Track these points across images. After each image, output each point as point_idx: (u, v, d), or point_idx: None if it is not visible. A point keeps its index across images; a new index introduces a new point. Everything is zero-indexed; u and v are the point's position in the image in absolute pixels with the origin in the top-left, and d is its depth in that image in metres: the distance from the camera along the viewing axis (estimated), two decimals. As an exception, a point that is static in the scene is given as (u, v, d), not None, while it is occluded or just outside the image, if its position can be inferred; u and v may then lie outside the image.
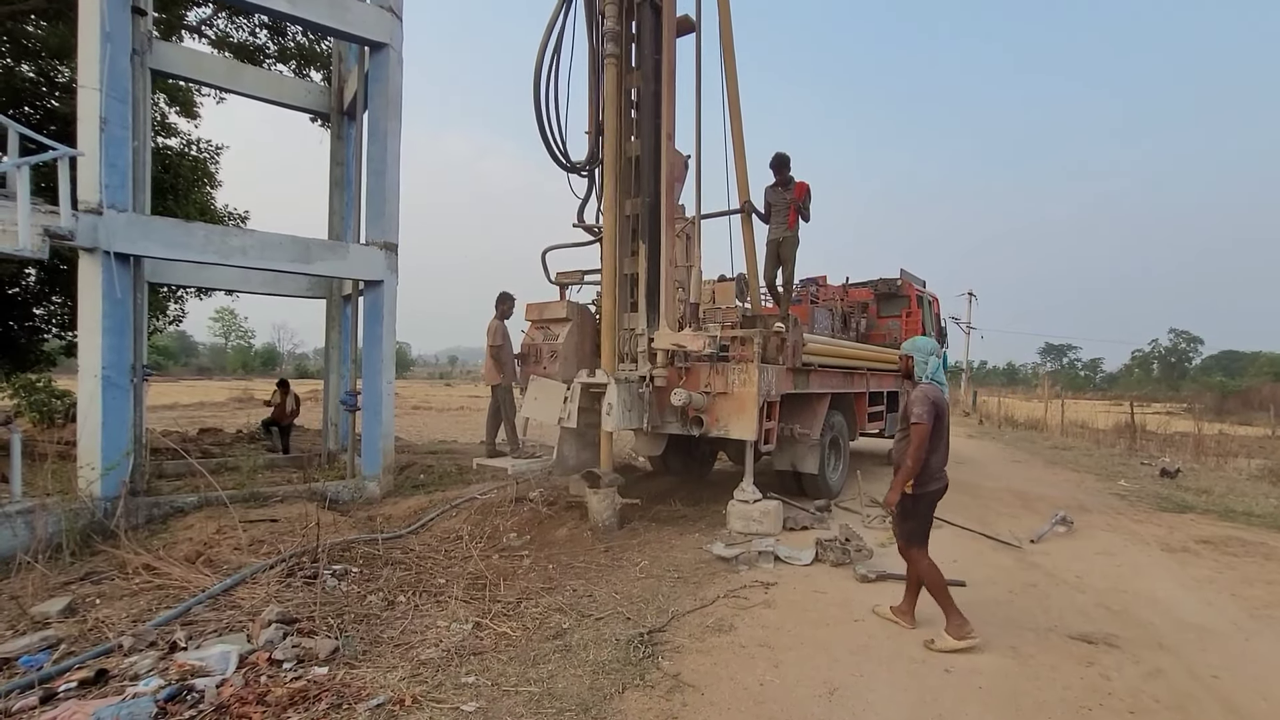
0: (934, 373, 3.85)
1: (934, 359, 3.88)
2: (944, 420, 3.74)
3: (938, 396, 3.74)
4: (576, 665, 3.23)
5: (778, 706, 2.87)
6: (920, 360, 3.92)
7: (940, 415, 3.70)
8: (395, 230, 8.52)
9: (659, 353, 5.98)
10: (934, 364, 3.87)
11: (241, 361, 70.03)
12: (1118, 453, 14.00)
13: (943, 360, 5.44)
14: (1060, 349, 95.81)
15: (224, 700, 2.71)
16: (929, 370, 3.87)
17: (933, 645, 3.61)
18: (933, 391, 3.76)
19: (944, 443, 3.77)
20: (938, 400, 3.71)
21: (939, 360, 3.91)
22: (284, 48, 12.89)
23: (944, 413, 3.74)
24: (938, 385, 3.82)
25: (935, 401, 3.69)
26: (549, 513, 6.30)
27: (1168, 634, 3.89)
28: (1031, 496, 8.31)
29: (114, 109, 6.75)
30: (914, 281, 11.60)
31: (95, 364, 6.50)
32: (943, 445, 3.76)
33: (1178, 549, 5.91)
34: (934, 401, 3.68)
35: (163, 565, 4.89)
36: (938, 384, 3.83)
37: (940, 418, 3.70)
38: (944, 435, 3.75)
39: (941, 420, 3.71)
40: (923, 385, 3.86)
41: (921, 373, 3.90)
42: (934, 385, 3.81)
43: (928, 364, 3.88)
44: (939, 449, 3.73)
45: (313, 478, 8.73)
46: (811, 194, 6.58)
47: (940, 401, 3.72)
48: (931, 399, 3.69)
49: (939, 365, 3.89)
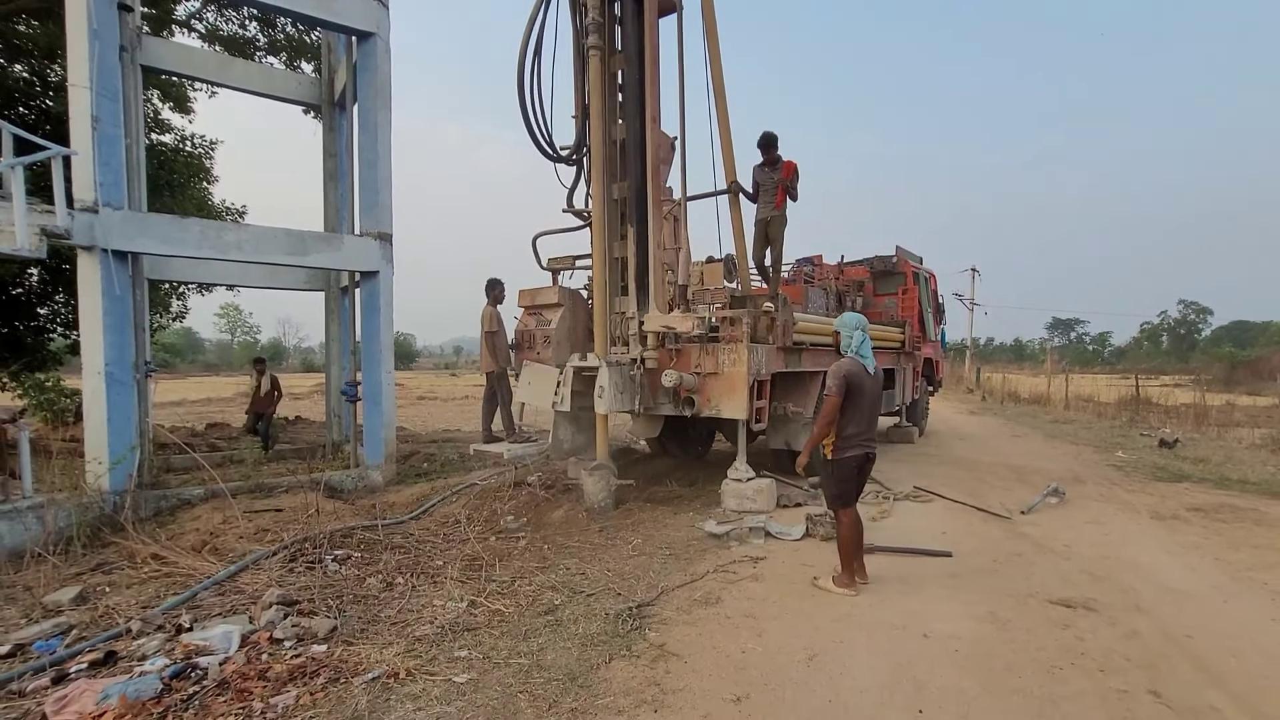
0: (859, 347, 4.04)
1: (859, 333, 4.08)
2: (860, 393, 3.94)
3: (851, 370, 3.96)
4: (566, 638, 3.34)
5: (757, 672, 2.97)
6: (845, 335, 4.12)
7: (854, 388, 3.92)
8: (389, 221, 8.57)
9: (649, 335, 6.05)
10: (858, 338, 4.07)
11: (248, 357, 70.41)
12: (1118, 425, 14.02)
13: (921, 334, 5.44)
14: (1068, 324, 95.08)
15: (226, 676, 2.83)
16: (854, 345, 4.06)
17: (817, 581, 4.11)
18: (848, 365, 3.99)
19: (862, 414, 3.97)
20: (850, 373, 3.94)
21: (863, 335, 4.08)
22: (274, 40, 12.87)
23: (859, 386, 3.94)
24: (859, 360, 4.01)
25: (847, 375, 3.93)
26: (546, 496, 6.42)
27: (1147, 598, 3.97)
28: (1027, 470, 8.37)
29: (105, 107, 6.80)
30: (910, 258, 11.58)
31: (98, 361, 6.62)
32: (861, 416, 3.97)
33: (1167, 517, 5.98)
34: (846, 375, 3.92)
35: (170, 554, 5.04)
36: (860, 358, 4.02)
37: (854, 391, 3.92)
38: (861, 406, 3.96)
39: (856, 393, 3.92)
40: (841, 360, 4.07)
41: (847, 347, 4.09)
42: (854, 359, 4.02)
43: (852, 339, 4.08)
44: (855, 419, 3.97)
45: (317, 468, 8.87)
46: (799, 173, 6.58)
47: (854, 374, 3.94)
48: (844, 373, 3.93)
49: (863, 340, 4.07)
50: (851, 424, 3.96)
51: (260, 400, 10.39)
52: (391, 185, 8.70)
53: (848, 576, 4.02)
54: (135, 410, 7.20)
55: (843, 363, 4.02)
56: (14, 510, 5.60)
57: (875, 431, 4.13)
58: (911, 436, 11.08)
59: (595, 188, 6.16)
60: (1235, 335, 71.15)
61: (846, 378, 3.91)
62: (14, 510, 5.60)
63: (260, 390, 10.36)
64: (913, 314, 10.97)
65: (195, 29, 12.80)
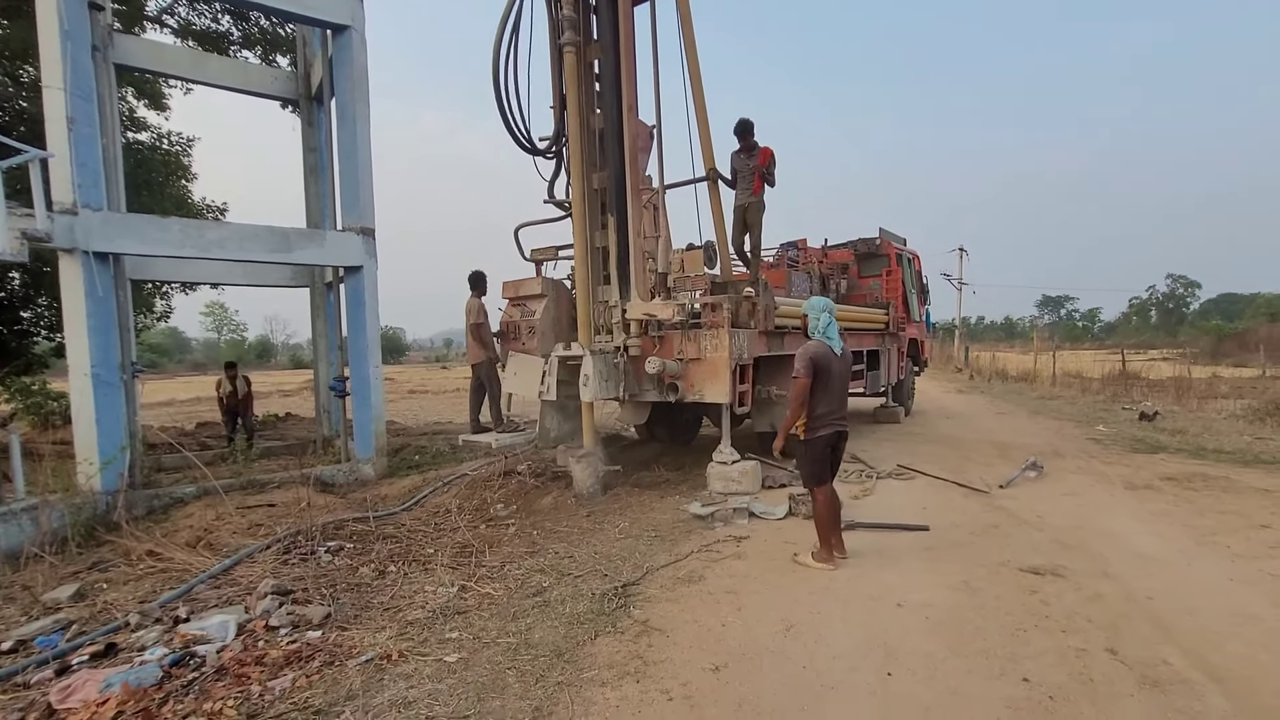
0: (825, 329, 4.15)
1: (825, 316, 4.17)
2: (828, 374, 4.05)
3: (817, 352, 4.06)
4: (553, 618, 3.46)
5: (736, 643, 3.10)
6: (813, 318, 4.22)
7: (821, 369, 4.03)
8: (371, 215, 8.58)
9: (632, 323, 6.14)
10: (825, 320, 4.17)
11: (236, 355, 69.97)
12: (1102, 400, 14.27)
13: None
14: (1058, 300, 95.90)
15: (224, 662, 2.94)
16: (820, 327, 4.16)
17: (797, 557, 4.24)
18: (814, 347, 4.09)
19: (832, 394, 4.09)
20: (816, 355, 4.04)
21: (830, 317, 4.19)
22: (248, 34, 12.71)
23: (827, 367, 4.04)
24: (826, 341, 4.12)
25: (814, 357, 4.03)
26: (535, 483, 6.53)
27: (1114, 563, 4.13)
28: (1010, 445, 8.55)
29: (80, 108, 6.77)
30: (893, 240, 11.69)
31: (84, 362, 6.64)
32: (829, 397, 4.09)
33: (1140, 486, 6.16)
34: (812, 357, 4.03)
35: (165, 551, 5.12)
36: (827, 340, 4.12)
37: (822, 372, 4.03)
38: (830, 387, 4.07)
39: (824, 374, 4.03)
40: (808, 342, 4.18)
41: (814, 329, 4.19)
42: (820, 341, 4.12)
43: (819, 321, 4.18)
44: (825, 400, 4.08)
45: (309, 464, 8.93)
46: (775, 158, 6.65)
47: (820, 356, 4.05)
48: (810, 354, 4.04)
49: (830, 322, 4.18)
50: (821, 404, 4.07)
51: (236, 402, 10.48)
52: (372, 179, 8.69)
53: (826, 552, 4.15)
54: (123, 411, 7.23)
55: (809, 345, 4.14)
56: (9, 512, 5.65)
57: (845, 410, 4.24)
58: (898, 416, 11.26)
59: (574, 178, 6.21)
60: (1223, 308, 71.92)
61: (813, 359, 4.02)
62: (9, 512, 5.65)
63: (237, 394, 10.43)
64: (897, 295, 11.09)
65: (168, 25, 12.61)
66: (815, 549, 4.22)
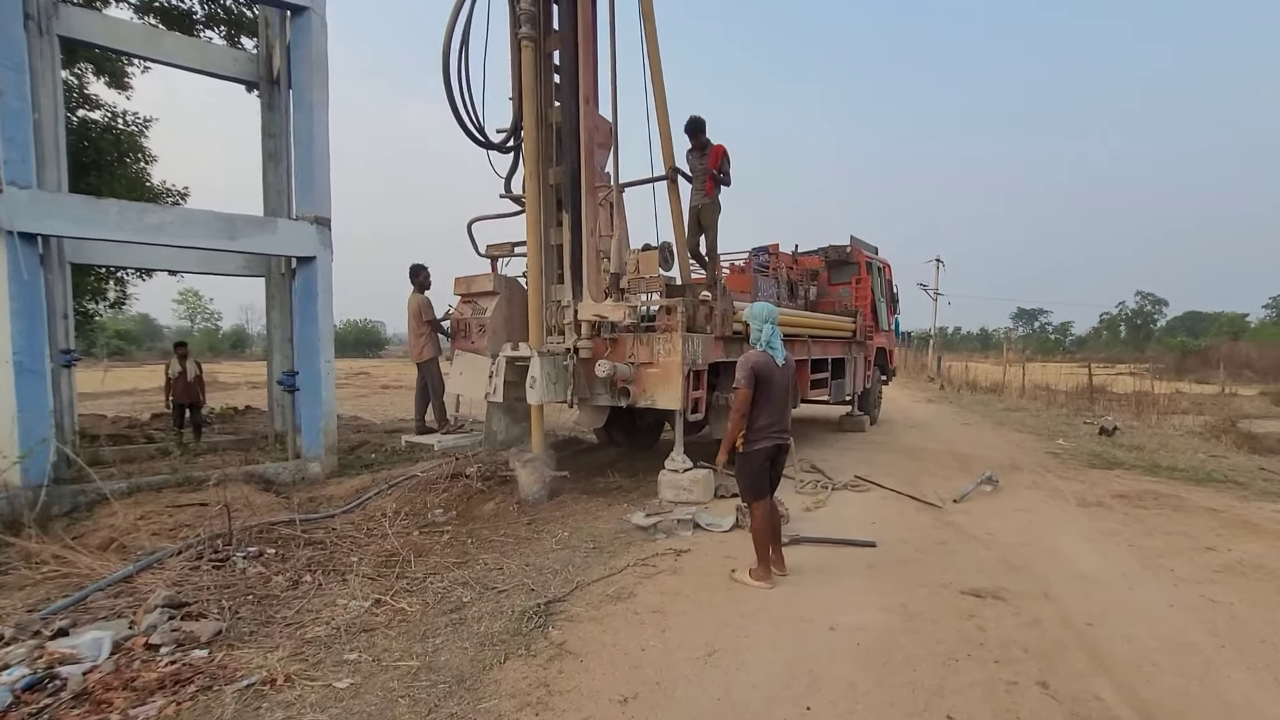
0: (769, 339, 4.01)
1: (768, 327, 4.03)
2: (770, 384, 3.92)
3: (759, 362, 3.93)
4: (465, 638, 3.24)
5: (652, 670, 2.91)
6: (755, 327, 4.07)
7: (763, 380, 3.89)
8: (327, 204, 8.26)
9: (583, 324, 5.94)
10: (768, 330, 4.03)
11: (209, 344, 68.32)
12: (1065, 413, 14.39)
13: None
14: (1032, 313, 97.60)
15: (88, 686, 2.67)
16: (763, 337, 4.02)
17: (734, 574, 4.10)
18: (755, 357, 3.96)
19: (773, 405, 3.95)
20: (758, 365, 3.90)
21: (773, 327, 4.05)
22: (212, 13, 12.28)
23: (768, 378, 3.91)
24: (768, 351, 3.98)
25: (754, 367, 3.89)
26: (481, 488, 6.28)
27: (1056, 585, 4.03)
28: (970, 458, 8.51)
29: (9, 79, 6.40)
30: (864, 248, 11.65)
31: (6, 350, 6.27)
32: (770, 408, 3.95)
33: (1092, 504, 6.11)
34: (753, 367, 3.90)
35: (70, 554, 4.80)
36: (770, 350, 3.99)
37: (763, 382, 3.89)
38: (771, 398, 3.94)
39: (765, 385, 3.90)
40: (749, 352, 4.04)
41: (756, 339, 4.05)
42: (763, 351, 3.98)
43: (761, 332, 4.03)
44: (765, 411, 3.93)
45: (253, 460, 8.58)
46: (729, 157, 6.49)
47: (761, 366, 3.91)
48: (751, 364, 3.91)
49: (773, 332, 4.04)
50: (762, 415, 3.93)
51: (187, 388, 9.87)
52: (328, 167, 8.37)
53: (763, 569, 3.99)
54: (49, 401, 6.84)
55: (750, 355, 3.99)
56: (-88, 507, 5.29)
57: (788, 422, 4.09)
58: (863, 425, 11.20)
59: (529, 171, 5.99)
60: (1189, 325, 73.81)
61: (754, 369, 3.88)
62: (-88, 507, 5.29)
63: (187, 375, 9.84)
64: (866, 303, 11.04)
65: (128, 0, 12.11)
66: (753, 566, 4.05)
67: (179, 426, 10.05)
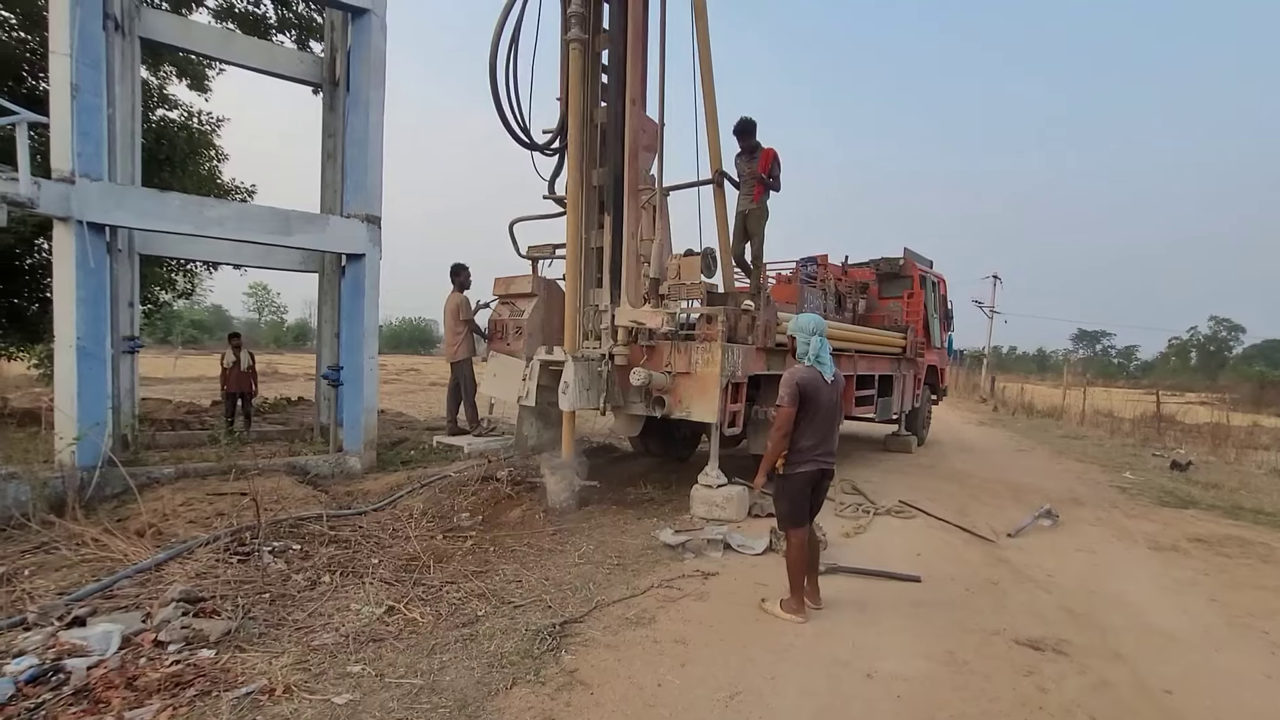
0: (817, 353, 3.70)
1: (816, 339, 3.72)
2: (816, 403, 3.61)
3: (805, 378, 3.63)
4: (474, 656, 3.09)
5: (667, 710, 2.69)
6: (802, 340, 3.76)
7: (809, 397, 3.59)
8: (378, 202, 8.37)
9: (620, 330, 5.77)
10: (816, 344, 3.72)
11: (274, 336, 71.58)
12: (1131, 443, 13.41)
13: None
14: (1094, 335, 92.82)
15: (91, 682, 2.63)
16: (811, 351, 3.71)
17: (764, 604, 3.85)
18: (801, 372, 3.66)
19: (818, 426, 3.65)
20: (804, 381, 3.60)
21: (821, 340, 3.73)
22: (283, 18, 12.76)
23: (814, 395, 3.60)
24: (816, 367, 3.68)
25: (800, 383, 3.60)
26: (510, 493, 6.17)
27: (1128, 641, 3.61)
28: (1024, 488, 7.94)
29: (86, 75, 6.66)
30: (919, 261, 11.14)
31: (70, 334, 6.50)
32: (816, 429, 3.65)
33: (1166, 547, 5.56)
34: (798, 383, 3.60)
35: (108, 538, 4.90)
36: (819, 365, 3.68)
37: (809, 400, 3.59)
38: (817, 418, 3.63)
39: (811, 403, 3.60)
40: (795, 367, 3.74)
41: (803, 353, 3.74)
42: (810, 367, 3.68)
43: (809, 345, 3.72)
44: (810, 431, 3.64)
45: (297, 451, 8.75)
46: (779, 161, 6.21)
47: (808, 383, 3.61)
48: (796, 380, 3.62)
49: (822, 345, 3.72)
50: (806, 436, 3.63)
51: (240, 378, 10.20)
52: (382, 166, 8.50)
53: (796, 601, 3.71)
54: (109, 386, 7.09)
55: (796, 370, 3.69)
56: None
57: (834, 445, 3.77)
58: (909, 446, 10.66)
59: (572, 172, 5.87)
60: (1268, 354, 68.76)
61: (800, 386, 3.59)
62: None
63: (240, 365, 10.17)
64: (918, 319, 10.53)
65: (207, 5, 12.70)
66: (785, 597, 3.78)
67: (231, 415, 10.37)
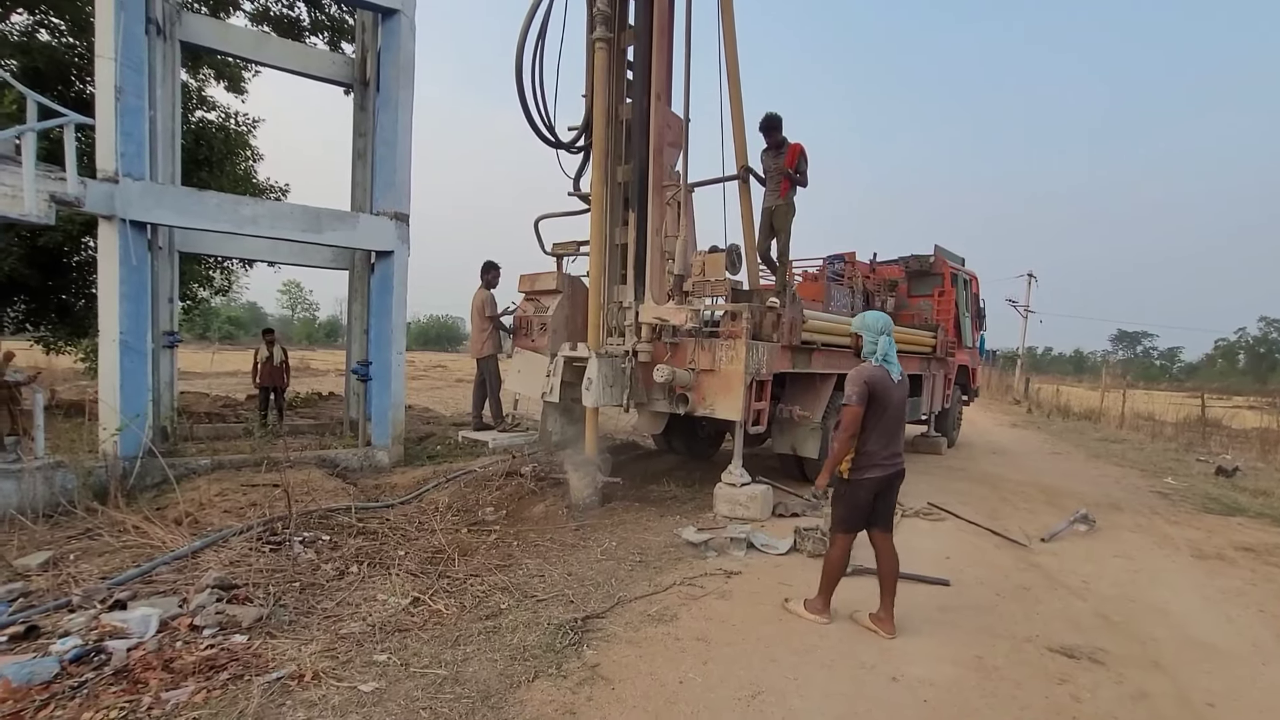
0: (885, 352, 3.55)
1: (884, 338, 3.56)
2: (885, 404, 3.46)
3: (874, 376, 3.46)
4: (497, 649, 3.11)
5: (689, 708, 2.67)
6: (868, 340, 3.60)
7: (878, 398, 3.44)
8: (406, 200, 8.50)
9: (644, 326, 5.76)
10: (884, 343, 3.55)
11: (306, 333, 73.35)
12: (1173, 448, 12.94)
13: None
14: (1134, 336, 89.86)
15: (130, 663, 2.72)
16: (879, 350, 3.55)
17: (787, 604, 3.79)
18: (869, 371, 3.49)
19: (886, 428, 3.50)
20: (873, 380, 3.44)
21: (889, 339, 3.57)
22: (316, 20, 13.04)
23: (884, 395, 3.45)
24: (884, 366, 3.52)
25: (869, 382, 3.43)
26: (534, 488, 6.22)
27: (1168, 652, 3.48)
28: (1059, 492, 7.72)
29: (129, 78, 6.87)
30: (950, 259, 10.90)
31: (113, 329, 6.72)
32: (883, 431, 3.48)
33: (1211, 556, 5.35)
34: (866, 381, 3.43)
35: (148, 526, 5.07)
36: (886, 364, 3.53)
37: (879, 401, 3.44)
38: (885, 419, 3.48)
39: (880, 404, 3.44)
40: (862, 365, 3.59)
41: (870, 352, 3.59)
42: (877, 365, 3.53)
43: (877, 343, 3.56)
44: (878, 434, 3.47)
45: (327, 445, 8.94)
46: (806, 156, 6.12)
47: (877, 382, 3.45)
48: (864, 379, 3.44)
49: (890, 344, 3.57)
50: (873, 439, 3.46)
51: (273, 372, 10.47)
52: (410, 165, 8.62)
53: (822, 601, 3.64)
54: (149, 379, 7.31)
55: (864, 367, 3.53)
56: (23, 470, 5.74)
57: (900, 446, 3.61)
58: (939, 447, 10.45)
59: (596, 168, 5.87)
60: (1323, 357, 65.71)
61: (869, 384, 3.42)
62: (23, 470, 5.74)
63: (273, 360, 10.44)
64: (949, 318, 10.31)
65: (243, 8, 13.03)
66: (810, 597, 3.71)
67: (264, 408, 10.65)
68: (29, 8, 10.58)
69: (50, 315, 12.20)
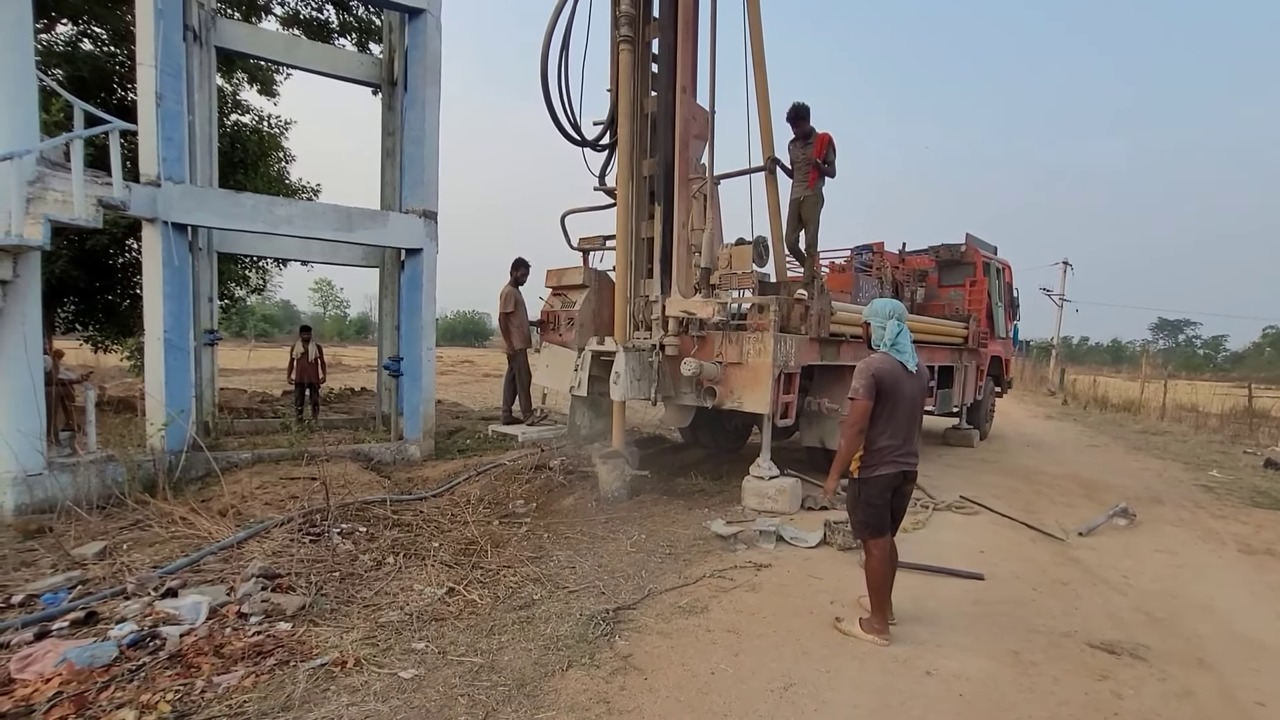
0: (894, 340, 3.34)
1: (893, 324, 3.35)
2: (896, 396, 3.25)
3: (883, 367, 3.26)
4: (531, 638, 3.17)
5: (721, 699, 2.69)
6: (877, 326, 3.40)
7: (888, 389, 3.23)
8: (434, 198, 8.60)
9: (671, 320, 5.77)
10: (893, 330, 3.34)
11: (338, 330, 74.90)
12: (1218, 440, 12.51)
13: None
14: (1176, 324, 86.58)
15: (183, 648, 2.85)
16: (888, 337, 3.34)
17: (840, 624, 3.46)
18: (879, 362, 3.29)
19: (899, 423, 3.28)
20: (881, 371, 3.24)
21: (900, 325, 3.37)
22: (345, 22, 13.25)
23: (894, 387, 3.24)
24: (895, 355, 3.33)
25: (876, 373, 3.23)
26: (562, 481, 6.29)
27: (1214, 649, 3.40)
28: (1098, 485, 7.53)
29: (168, 84, 7.06)
30: (982, 248, 10.67)
31: (158, 327, 6.95)
32: (896, 426, 3.27)
33: (1260, 551, 5.18)
34: (875, 373, 3.23)
35: (195, 517, 5.27)
36: (897, 354, 3.33)
37: (888, 393, 3.24)
38: (897, 413, 3.27)
39: (890, 396, 3.24)
40: (872, 355, 3.41)
41: (879, 340, 3.39)
42: (887, 354, 3.33)
43: (885, 330, 3.36)
44: (889, 429, 3.27)
45: (361, 439, 9.14)
46: (835, 146, 6.04)
47: (886, 373, 3.24)
48: (872, 370, 3.24)
49: (900, 330, 3.35)
50: (885, 434, 3.26)
51: (308, 368, 10.75)
52: (438, 163, 8.72)
53: (879, 620, 3.32)
54: (192, 375, 7.55)
55: (873, 359, 3.33)
56: (77, 464, 5.99)
57: (917, 444, 3.39)
58: (971, 440, 10.27)
59: (622, 161, 5.89)
60: (1381, 344, 62.62)
61: (876, 377, 3.21)
62: (77, 464, 5.99)
63: (308, 356, 10.71)
64: (981, 308, 10.11)
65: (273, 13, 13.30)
66: (864, 616, 3.42)
67: (299, 404, 10.93)
68: (73, 18, 10.94)
69: (97, 315, 12.65)
